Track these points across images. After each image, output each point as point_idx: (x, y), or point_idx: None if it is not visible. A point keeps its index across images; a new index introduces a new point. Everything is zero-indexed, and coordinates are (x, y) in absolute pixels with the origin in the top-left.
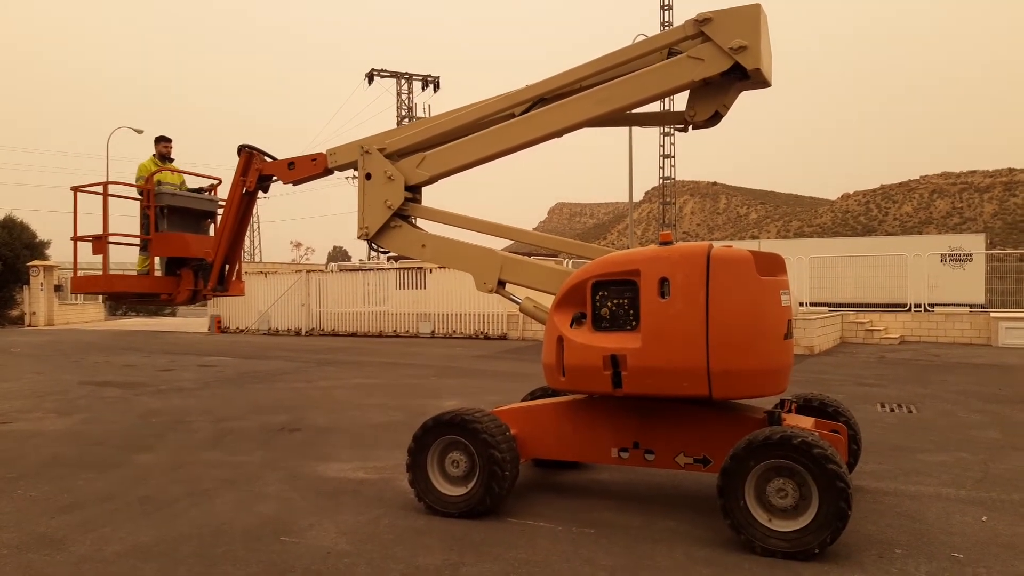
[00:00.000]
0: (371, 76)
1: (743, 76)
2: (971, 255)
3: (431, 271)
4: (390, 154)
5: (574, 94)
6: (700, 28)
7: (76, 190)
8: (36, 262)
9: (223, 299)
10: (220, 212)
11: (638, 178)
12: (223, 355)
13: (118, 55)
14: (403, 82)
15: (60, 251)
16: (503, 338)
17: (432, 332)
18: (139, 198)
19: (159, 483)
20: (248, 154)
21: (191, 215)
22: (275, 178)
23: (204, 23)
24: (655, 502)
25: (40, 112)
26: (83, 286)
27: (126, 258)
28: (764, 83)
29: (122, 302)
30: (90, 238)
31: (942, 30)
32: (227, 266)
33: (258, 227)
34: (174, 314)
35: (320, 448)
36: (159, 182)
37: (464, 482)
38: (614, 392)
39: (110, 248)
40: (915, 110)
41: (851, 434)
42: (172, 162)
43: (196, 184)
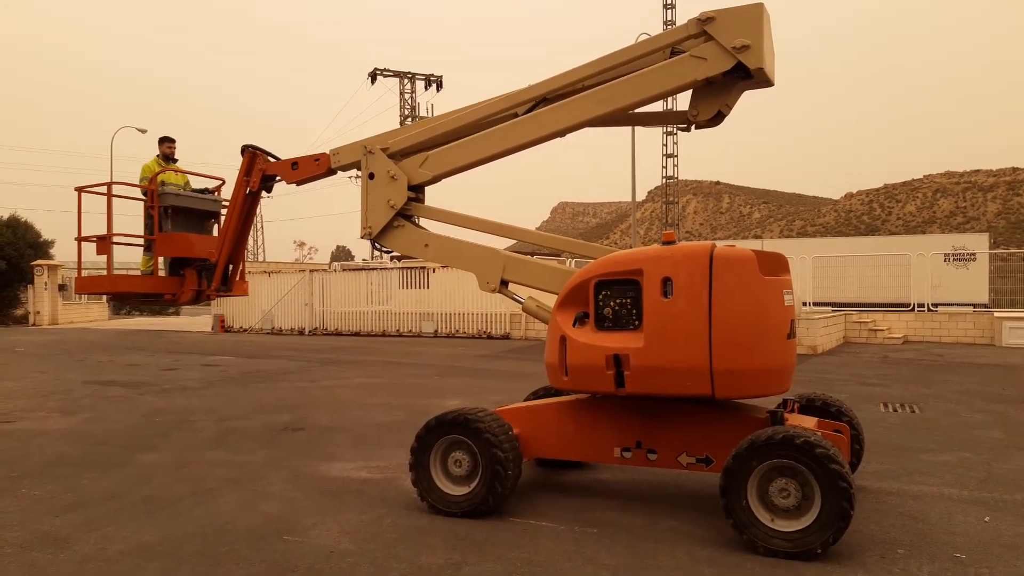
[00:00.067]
0: (374, 75)
1: (746, 75)
2: (974, 255)
3: (434, 271)
4: (393, 154)
5: (576, 94)
6: (703, 27)
7: (80, 190)
8: (40, 261)
9: (227, 299)
10: (224, 212)
11: (641, 177)
12: (227, 354)
13: (118, 55)
14: (406, 81)
15: (64, 250)
16: (506, 338)
17: (435, 332)
18: (143, 198)
19: (163, 482)
20: (251, 154)
21: (195, 215)
22: (278, 178)
23: (204, 23)
24: (658, 502)
25: (41, 112)
26: (87, 286)
27: (130, 258)
28: (767, 82)
29: (126, 302)
30: (94, 238)
31: (944, 29)
32: (231, 266)
33: (261, 227)
34: (178, 314)
35: (323, 447)
36: (163, 182)
37: (467, 482)
38: (617, 392)
39: (114, 248)
40: (918, 109)
41: (854, 434)
42: (176, 162)
43: (200, 184)
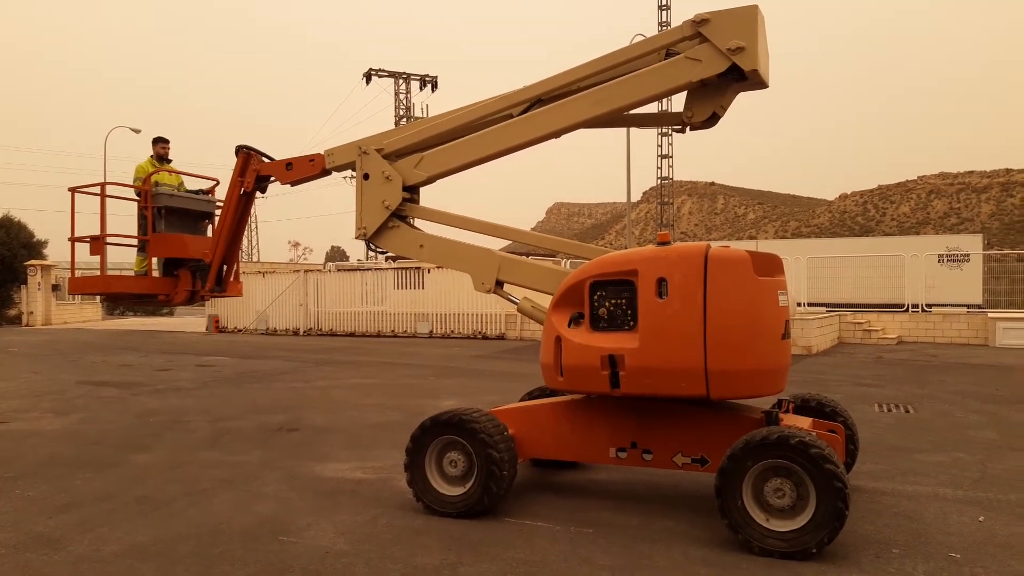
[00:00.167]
0: (369, 76)
1: (741, 77)
2: (968, 255)
3: (429, 271)
4: (388, 154)
5: (572, 95)
6: (698, 29)
7: (74, 191)
8: (34, 262)
9: (221, 299)
10: (218, 213)
11: (636, 178)
12: (221, 355)
13: (118, 55)
14: (401, 82)
15: (58, 250)
16: (501, 338)
17: (430, 332)
18: (137, 199)
19: (157, 483)
20: (246, 155)
21: (189, 216)
22: (273, 179)
23: (204, 23)
24: (653, 502)
25: (40, 112)
26: (81, 287)
27: (124, 258)
28: (762, 84)
29: (120, 302)
30: (88, 238)
31: (941, 30)
32: (225, 267)
33: (256, 227)
34: (172, 314)
35: (318, 448)
36: (157, 183)
37: (462, 482)
38: (612, 392)
39: (108, 248)
40: (913, 110)
41: (848, 434)
42: (170, 163)
43: (194, 185)
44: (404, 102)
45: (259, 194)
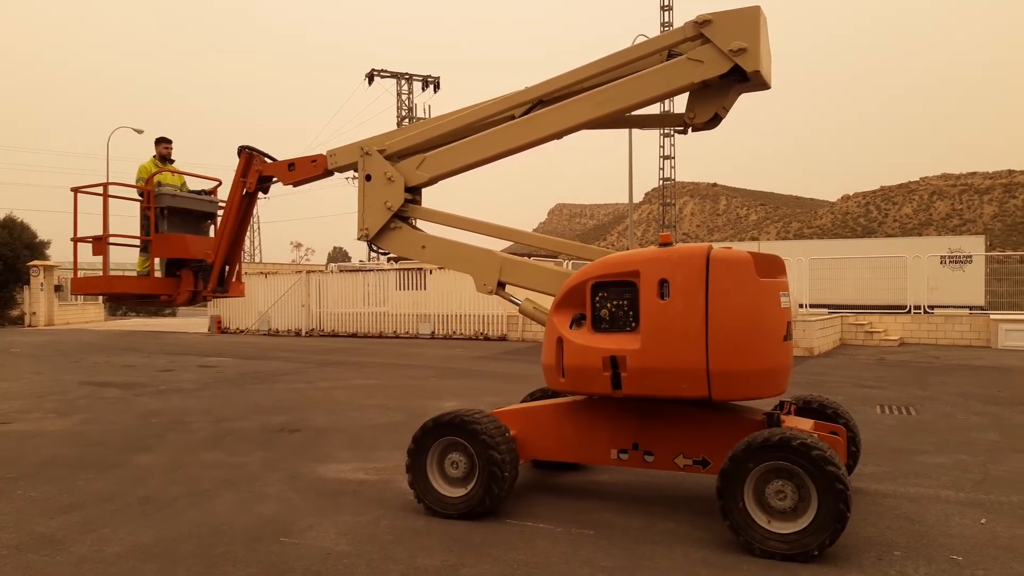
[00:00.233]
0: (371, 76)
1: (743, 78)
2: (971, 257)
3: (431, 272)
4: (390, 155)
5: (573, 96)
6: (700, 30)
7: (76, 191)
8: (36, 262)
9: (223, 300)
10: (220, 213)
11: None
12: (223, 356)
13: (118, 55)
14: (403, 82)
15: (60, 251)
16: (503, 339)
17: (432, 333)
18: (139, 199)
19: (159, 483)
20: (248, 155)
21: (191, 216)
22: (275, 179)
23: (204, 23)
24: (654, 503)
25: (40, 112)
26: (83, 287)
27: (126, 258)
28: (764, 85)
29: (122, 303)
30: (90, 239)
31: (942, 30)
32: (227, 267)
33: (258, 228)
34: (174, 315)
35: (320, 449)
36: (159, 183)
37: (463, 483)
38: (613, 393)
39: (110, 249)
40: (915, 111)
41: (850, 436)
42: (172, 163)
43: (197, 185)
44: (407, 103)
45: (261, 195)
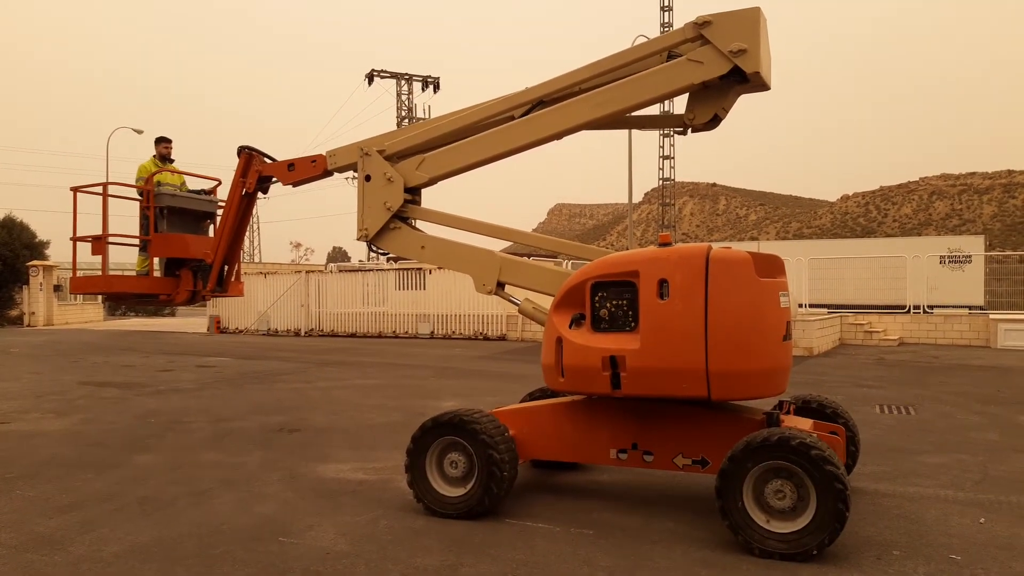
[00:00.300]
0: (371, 77)
1: (742, 79)
2: (970, 257)
3: (430, 272)
4: (390, 156)
5: (573, 97)
6: (700, 31)
7: (76, 191)
8: (35, 262)
9: (222, 300)
10: (220, 213)
11: (637, 179)
12: (222, 355)
13: (118, 55)
14: (403, 83)
15: (60, 251)
16: (502, 339)
17: (431, 333)
18: (139, 199)
19: (158, 483)
20: (248, 155)
21: (190, 216)
22: (274, 179)
23: (204, 23)
24: (654, 503)
25: (39, 112)
26: (82, 286)
27: (126, 258)
28: (763, 86)
29: (121, 302)
30: (90, 238)
31: (943, 30)
32: (226, 267)
33: (258, 227)
34: (173, 314)
35: (319, 449)
36: (159, 183)
37: (463, 483)
38: (613, 393)
39: (110, 248)
40: (914, 111)
41: (849, 435)
42: (172, 163)
43: (196, 185)
44: (406, 103)
45: (261, 195)
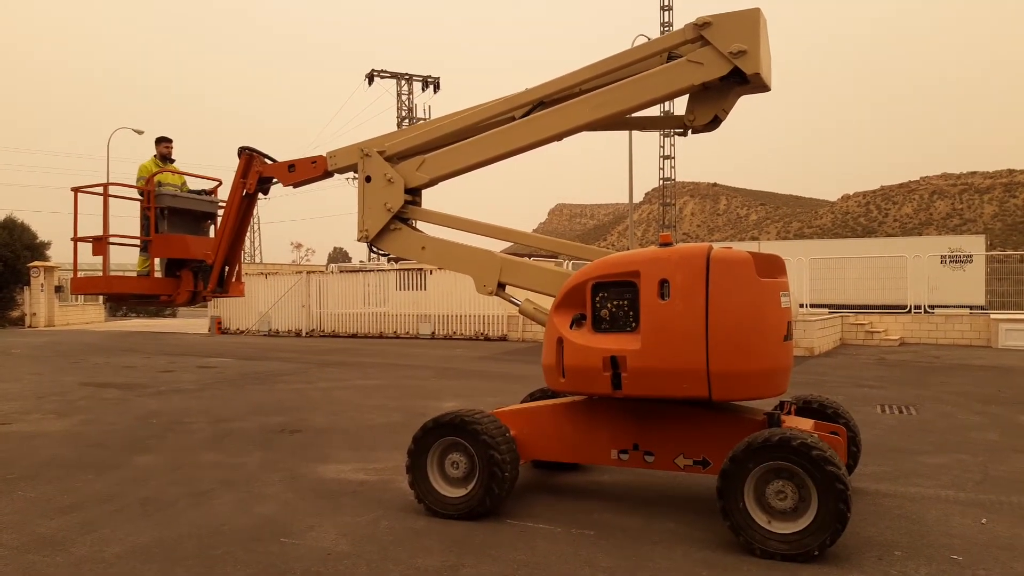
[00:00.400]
0: (371, 77)
1: (742, 80)
2: (971, 257)
3: (431, 272)
4: (390, 157)
5: (573, 98)
6: (700, 32)
7: (76, 191)
8: (36, 263)
9: (223, 300)
10: (220, 213)
11: (638, 179)
12: (223, 356)
13: (118, 55)
14: (403, 83)
15: (60, 252)
16: (503, 339)
17: (432, 333)
18: (139, 199)
19: (159, 484)
20: (248, 156)
21: (191, 216)
22: (275, 180)
23: (204, 23)
24: (654, 504)
25: (40, 112)
26: (83, 287)
27: (127, 258)
28: (764, 87)
29: (122, 303)
30: (90, 239)
31: (943, 30)
32: (227, 268)
33: (258, 228)
34: (174, 315)
35: (320, 449)
36: (160, 183)
37: (464, 483)
38: (614, 393)
39: (111, 249)
40: (915, 111)
41: (850, 436)
42: (173, 163)
43: (197, 185)
44: (407, 103)
45: (261, 196)
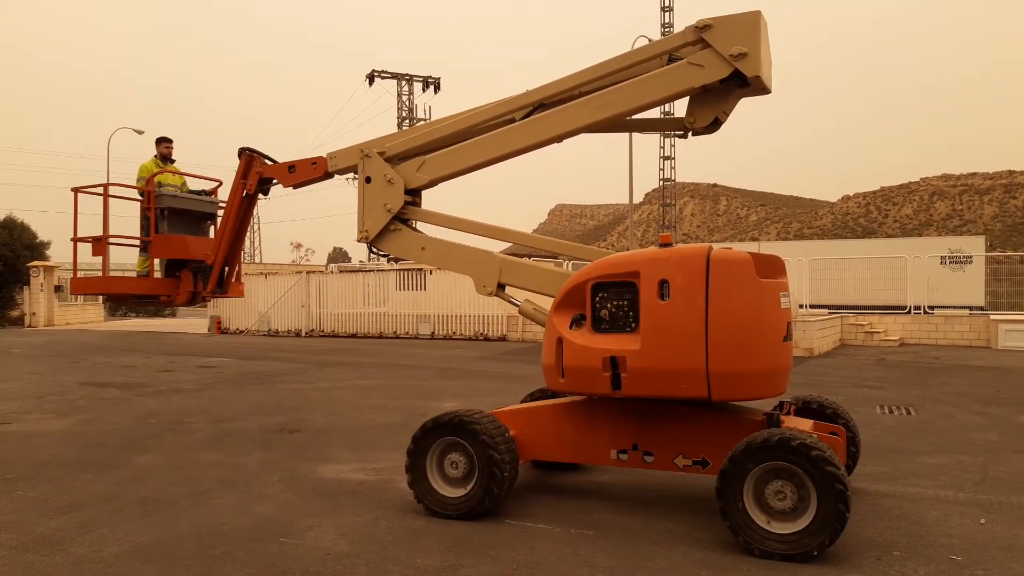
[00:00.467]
0: (372, 77)
1: (743, 83)
2: (971, 257)
3: (431, 272)
4: (390, 158)
5: (574, 99)
6: (700, 35)
7: (77, 191)
8: (36, 263)
9: (223, 300)
10: (220, 214)
11: (638, 180)
12: (223, 356)
13: (118, 55)
14: (403, 83)
15: (60, 251)
16: (503, 339)
17: (432, 333)
18: (140, 199)
19: (158, 484)
20: (248, 157)
21: (191, 216)
22: (275, 181)
23: (204, 23)
24: (654, 504)
25: (40, 112)
26: (83, 287)
27: (126, 258)
28: (764, 90)
29: (122, 303)
30: (90, 239)
31: (942, 30)
32: (227, 268)
33: (258, 228)
34: (174, 315)
35: (319, 449)
36: (160, 183)
37: (463, 483)
38: (613, 394)
39: (110, 249)
40: (915, 111)
41: (850, 436)
42: (173, 163)
43: (197, 185)
44: (407, 103)
45: (261, 196)
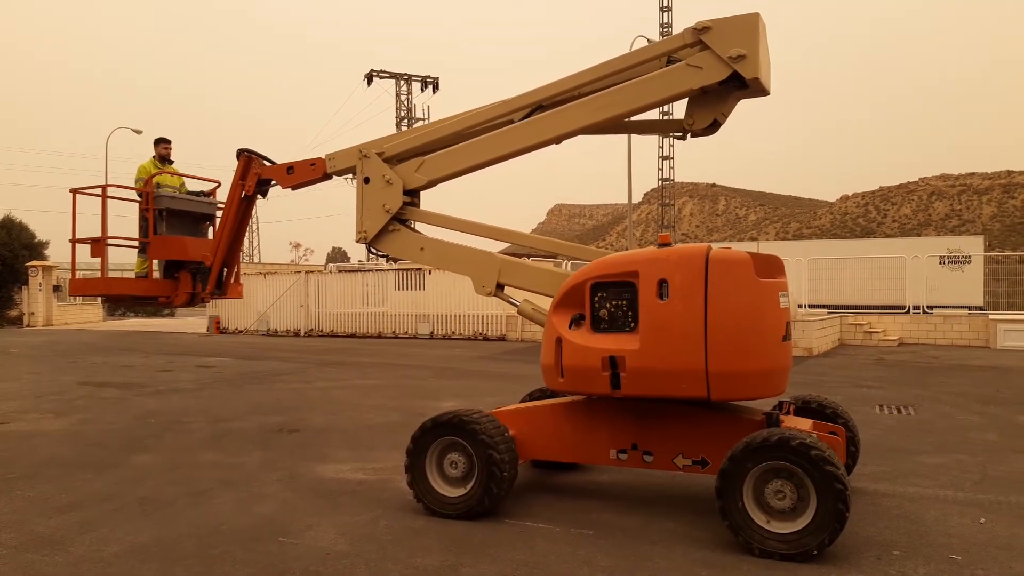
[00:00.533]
0: (370, 77)
1: (741, 85)
2: (970, 257)
3: (430, 272)
4: (389, 158)
5: (572, 101)
6: (699, 36)
7: (75, 192)
8: (35, 262)
9: (222, 300)
10: (219, 215)
11: (637, 180)
12: (222, 356)
13: (118, 55)
14: (402, 83)
15: (59, 251)
16: (502, 339)
17: (431, 333)
18: (138, 200)
19: (157, 484)
20: (247, 158)
21: (190, 217)
22: (274, 182)
23: (204, 23)
24: (653, 504)
25: (40, 112)
26: (81, 288)
27: (125, 258)
28: (763, 92)
29: (120, 304)
30: (89, 240)
31: (942, 30)
32: (225, 269)
33: (257, 228)
34: (173, 315)
35: (318, 449)
36: (159, 184)
37: (463, 483)
38: (613, 393)
39: (109, 249)
40: (914, 111)
41: (849, 436)
42: (172, 164)
43: (196, 186)
44: (406, 103)
45: (260, 197)
